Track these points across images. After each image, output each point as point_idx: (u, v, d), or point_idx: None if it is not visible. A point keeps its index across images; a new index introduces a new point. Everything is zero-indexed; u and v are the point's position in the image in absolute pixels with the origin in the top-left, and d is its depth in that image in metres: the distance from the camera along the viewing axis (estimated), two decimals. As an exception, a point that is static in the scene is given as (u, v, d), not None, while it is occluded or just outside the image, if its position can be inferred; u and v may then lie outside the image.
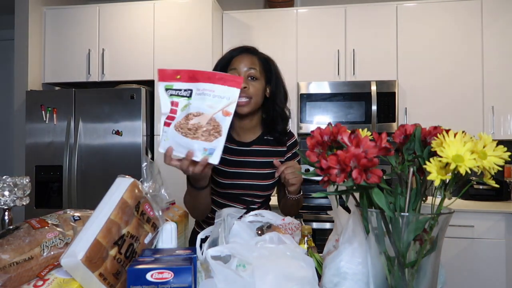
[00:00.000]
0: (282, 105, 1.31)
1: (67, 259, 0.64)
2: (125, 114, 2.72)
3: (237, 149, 1.31)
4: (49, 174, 2.77)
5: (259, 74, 1.25)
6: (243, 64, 1.23)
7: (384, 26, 2.90)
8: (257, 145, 1.33)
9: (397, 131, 0.66)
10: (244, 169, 1.29)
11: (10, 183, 0.96)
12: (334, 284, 0.73)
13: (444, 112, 2.80)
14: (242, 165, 1.29)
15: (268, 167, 1.30)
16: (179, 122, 0.87)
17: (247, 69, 1.23)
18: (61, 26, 3.02)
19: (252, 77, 1.23)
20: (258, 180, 1.30)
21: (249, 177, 1.29)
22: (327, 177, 0.58)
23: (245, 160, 1.30)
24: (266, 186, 1.31)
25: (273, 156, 1.32)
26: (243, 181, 1.29)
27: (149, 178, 0.84)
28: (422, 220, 0.60)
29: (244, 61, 1.23)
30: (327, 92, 2.85)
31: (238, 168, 1.29)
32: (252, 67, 1.23)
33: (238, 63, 1.23)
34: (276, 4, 3.15)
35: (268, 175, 1.31)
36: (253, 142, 1.33)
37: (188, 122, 0.86)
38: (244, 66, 1.23)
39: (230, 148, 1.30)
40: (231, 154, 1.29)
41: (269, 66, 1.30)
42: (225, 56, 1.28)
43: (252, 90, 1.22)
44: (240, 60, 1.24)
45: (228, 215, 0.91)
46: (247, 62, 1.23)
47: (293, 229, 1.06)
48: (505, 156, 0.57)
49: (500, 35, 2.77)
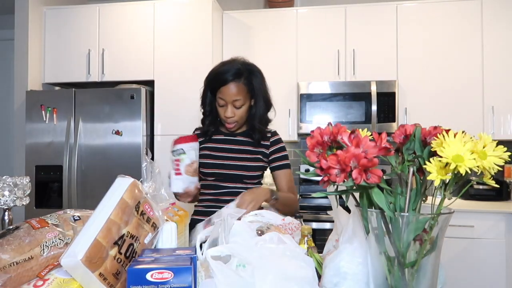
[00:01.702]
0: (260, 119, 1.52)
1: (67, 259, 0.64)
2: (125, 114, 2.72)
3: (223, 138, 1.55)
4: (49, 174, 2.77)
5: (243, 99, 1.45)
6: (230, 95, 1.43)
7: (384, 26, 2.90)
8: (241, 136, 1.55)
9: (397, 131, 0.66)
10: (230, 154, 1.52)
11: (10, 183, 0.96)
12: (334, 284, 0.73)
13: (444, 112, 2.80)
14: (227, 151, 1.53)
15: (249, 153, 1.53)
16: (186, 169, 1.39)
17: (233, 100, 1.44)
18: (61, 26, 3.02)
19: (237, 106, 1.45)
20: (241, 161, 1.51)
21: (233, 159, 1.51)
22: (327, 177, 0.58)
23: (230, 147, 1.53)
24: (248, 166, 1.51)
25: (254, 146, 1.53)
26: (228, 161, 1.51)
27: (149, 178, 0.84)
28: (422, 220, 0.60)
29: (231, 93, 1.43)
30: (327, 92, 2.85)
31: (224, 152, 1.53)
32: (236, 98, 1.43)
33: (226, 94, 1.43)
34: (276, 4, 3.15)
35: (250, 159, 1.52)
36: (239, 134, 1.56)
37: (192, 167, 1.41)
38: (230, 97, 1.43)
39: (218, 138, 1.55)
40: (219, 143, 1.54)
41: (251, 86, 1.47)
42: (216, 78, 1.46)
43: (237, 117, 1.47)
44: (227, 91, 1.43)
45: (228, 215, 0.91)
46: (233, 93, 1.43)
47: (293, 229, 1.06)
48: (505, 156, 0.57)
49: (500, 35, 2.77)
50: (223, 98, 1.44)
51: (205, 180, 1.54)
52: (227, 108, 1.45)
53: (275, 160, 1.54)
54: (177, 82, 2.84)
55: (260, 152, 1.53)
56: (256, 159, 1.52)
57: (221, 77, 1.43)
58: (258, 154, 1.53)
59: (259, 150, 1.53)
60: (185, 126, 2.73)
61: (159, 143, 2.83)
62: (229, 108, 1.44)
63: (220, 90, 1.44)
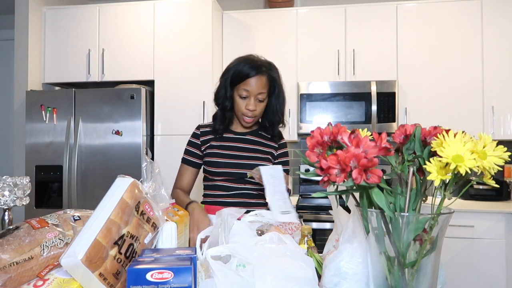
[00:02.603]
0: (281, 114, 1.51)
1: (67, 259, 0.64)
2: (125, 114, 2.72)
3: (233, 137, 1.52)
4: (49, 174, 2.77)
5: (266, 93, 1.44)
6: (255, 88, 1.40)
7: (384, 26, 2.90)
8: (251, 136, 1.53)
9: (397, 131, 0.66)
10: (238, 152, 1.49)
11: (10, 183, 0.96)
12: (334, 284, 0.73)
13: (444, 112, 2.80)
14: (236, 149, 1.49)
15: (259, 153, 1.50)
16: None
17: (258, 93, 1.41)
18: (61, 26, 3.02)
19: (260, 100, 1.43)
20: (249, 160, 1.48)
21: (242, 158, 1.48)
22: (327, 177, 0.58)
23: (238, 146, 1.50)
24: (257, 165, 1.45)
25: (264, 146, 1.52)
26: (237, 160, 1.47)
27: (149, 178, 0.84)
28: (422, 220, 0.60)
29: (257, 84, 1.40)
30: (327, 92, 2.85)
31: (233, 151, 1.49)
32: (262, 91, 1.42)
33: (251, 86, 1.40)
34: (276, 4, 3.15)
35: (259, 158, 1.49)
36: (248, 133, 1.54)
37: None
38: (256, 89, 1.40)
39: (227, 137, 1.51)
40: (228, 141, 1.50)
41: (274, 82, 1.46)
42: (242, 70, 1.41)
43: (258, 111, 1.44)
44: (254, 83, 1.40)
45: (228, 215, 0.91)
46: (259, 86, 1.41)
47: (293, 229, 1.06)
48: (505, 156, 0.57)
49: (500, 35, 2.77)
50: (248, 89, 1.40)
51: (212, 180, 1.49)
52: (250, 101, 1.42)
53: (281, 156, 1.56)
54: (177, 82, 2.84)
55: (269, 153, 1.53)
56: (267, 159, 1.51)
57: (247, 70, 1.41)
58: (268, 154, 1.52)
59: (269, 150, 1.53)
60: (185, 126, 2.74)
61: (159, 143, 2.83)
62: (252, 101, 1.42)
63: (245, 82, 1.41)
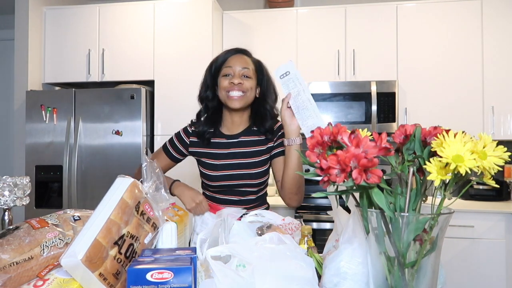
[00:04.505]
0: (272, 103, 1.41)
1: (67, 259, 0.64)
2: (125, 114, 2.72)
3: (225, 142, 1.40)
4: (49, 174, 2.77)
5: (252, 74, 1.36)
6: (238, 63, 1.34)
7: (384, 26, 2.90)
8: (244, 136, 1.40)
9: (397, 131, 0.66)
10: (234, 160, 1.37)
11: (10, 183, 0.96)
12: (334, 284, 0.73)
13: (444, 112, 2.80)
14: (231, 157, 1.37)
15: (256, 156, 1.38)
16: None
17: (241, 68, 1.33)
18: (61, 26, 3.02)
19: (245, 76, 1.34)
20: (248, 169, 1.36)
21: (239, 167, 1.36)
22: (327, 177, 0.58)
23: (233, 152, 1.38)
24: (256, 174, 1.37)
25: (260, 145, 1.39)
26: (233, 171, 1.36)
27: (149, 178, 0.84)
28: (422, 220, 0.60)
29: (239, 61, 1.34)
30: (327, 92, 2.85)
31: (228, 160, 1.37)
32: (246, 66, 1.34)
33: (233, 62, 1.34)
34: (276, 4, 3.15)
35: (257, 164, 1.37)
36: (241, 134, 1.40)
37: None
38: (239, 65, 1.34)
39: (218, 142, 1.40)
40: (220, 148, 1.39)
41: (261, 68, 1.40)
42: (220, 56, 1.40)
43: (247, 85, 1.33)
44: (236, 59, 1.35)
45: (228, 215, 0.91)
46: (242, 62, 1.35)
47: (293, 229, 1.06)
48: (505, 156, 0.57)
49: (500, 35, 2.77)
50: (230, 65, 1.32)
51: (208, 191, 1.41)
52: (234, 76, 1.31)
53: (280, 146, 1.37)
54: (177, 82, 2.84)
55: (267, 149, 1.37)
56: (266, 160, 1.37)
57: (229, 51, 1.36)
58: (266, 153, 1.37)
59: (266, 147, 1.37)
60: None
61: (159, 143, 2.83)
62: (236, 76, 1.31)
63: (226, 62, 1.34)
